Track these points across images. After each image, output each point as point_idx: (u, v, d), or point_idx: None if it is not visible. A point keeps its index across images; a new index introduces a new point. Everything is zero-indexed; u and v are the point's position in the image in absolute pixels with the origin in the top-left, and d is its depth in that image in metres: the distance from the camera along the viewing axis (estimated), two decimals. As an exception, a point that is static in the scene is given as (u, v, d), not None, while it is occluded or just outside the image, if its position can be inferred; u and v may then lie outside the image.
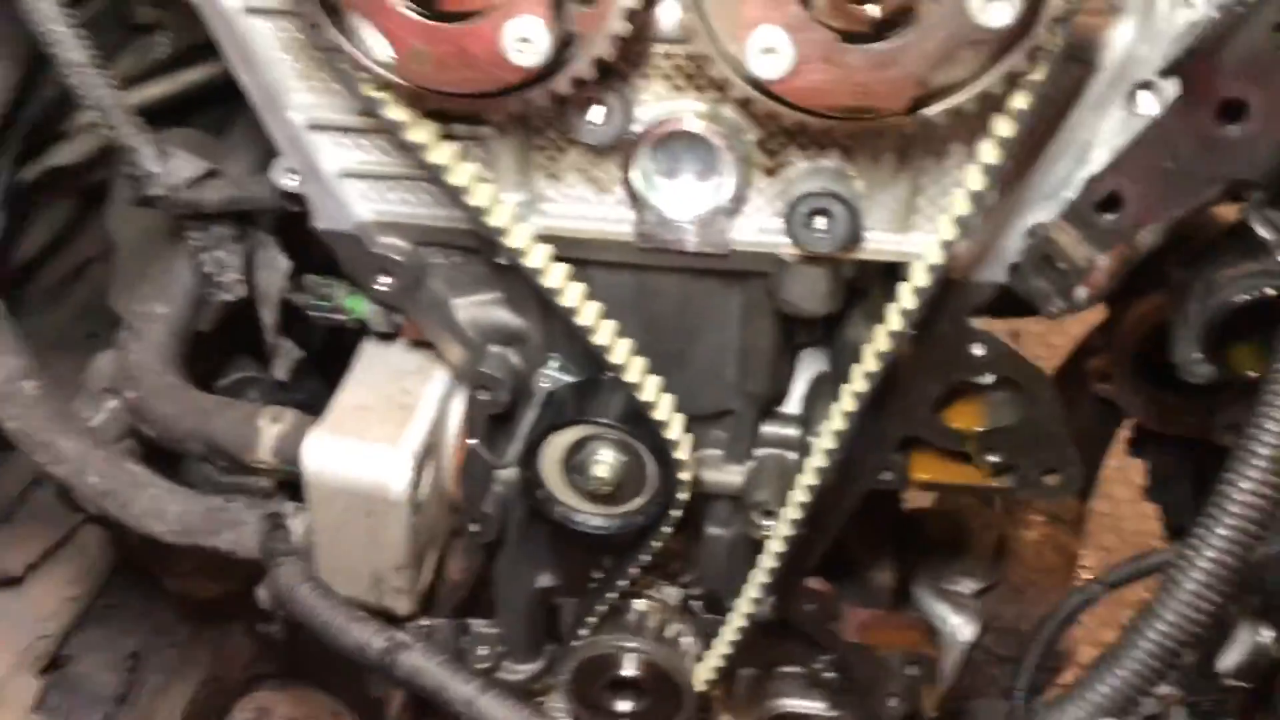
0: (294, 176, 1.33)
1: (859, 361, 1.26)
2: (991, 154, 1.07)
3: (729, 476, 1.55)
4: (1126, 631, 1.09)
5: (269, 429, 1.55)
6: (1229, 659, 1.82)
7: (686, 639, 1.66)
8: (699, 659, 1.65)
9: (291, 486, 1.60)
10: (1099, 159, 1.14)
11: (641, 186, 1.22)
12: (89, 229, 1.99)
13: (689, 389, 1.40)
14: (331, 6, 1.06)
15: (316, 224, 1.37)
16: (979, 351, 1.33)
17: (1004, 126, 1.05)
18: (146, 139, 1.37)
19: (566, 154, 1.24)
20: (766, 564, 1.47)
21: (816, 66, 1.00)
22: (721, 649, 1.59)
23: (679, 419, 1.37)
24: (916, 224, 1.23)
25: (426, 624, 1.73)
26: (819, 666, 1.84)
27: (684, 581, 1.70)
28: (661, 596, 1.69)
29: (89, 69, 1.29)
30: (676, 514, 1.44)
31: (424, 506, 1.55)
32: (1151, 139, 1.09)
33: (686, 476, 1.39)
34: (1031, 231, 1.21)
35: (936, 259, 1.14)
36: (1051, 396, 1.37)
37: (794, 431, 1.54)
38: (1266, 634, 1.65)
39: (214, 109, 1.79)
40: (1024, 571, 2.06)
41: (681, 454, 1.37)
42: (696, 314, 1.39)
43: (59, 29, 1.27)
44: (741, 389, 1.47)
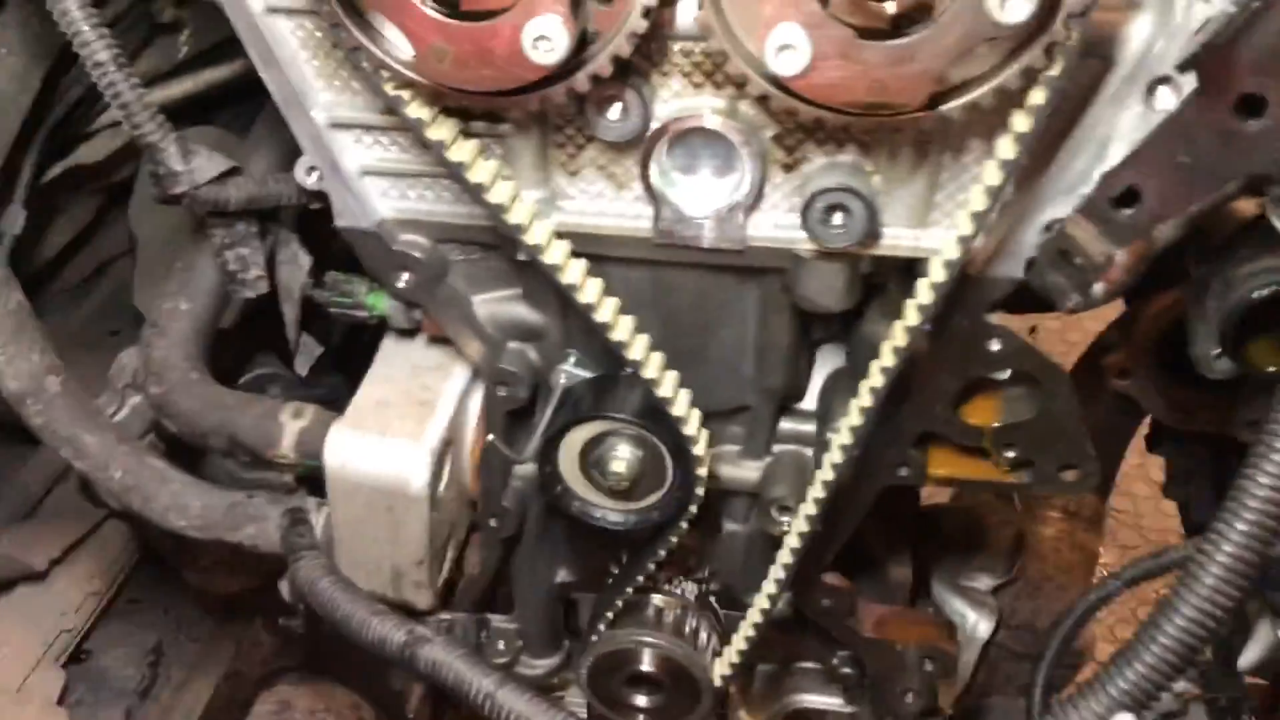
0: (316, 174, 1.34)
1: (876, 357, 1.26)
2: (1009, 150, 1.07)
3: (746, 472, 1.56)
4: (1144, 627, 1.08)
5: (291, 425, 1.56)
6: (1249, 655, 1.82)
7: (704, 634, 1.66)
8: (716, 654, 1.65)
9: (312, 482, 1.61)
10: (1117, 154, 1.14)
11: (659, 183, 1.23)
12: (112, 227, 2.01)
13: (706, 385, 1.40)
14: (352, 5, 1.07)
15: (338, 221, 1.38)
16: (996, 347, 1.32)
17: (1021, 122, 1.05)
18: (170, 137, 1.38)
19: (585, 151, 1.25)
20: (784, 560, 1.47)
21: (834, 63, 1.00)
22: (739, 644, 1.59)
23: (696, 415, 1.37)
24: (934, 220, 1.23)
25: (446, 618, 1.74)
26: (836, 662, 1.84)
27: (701, 577, 1.70)
28: (679, 592, 1.69)
29: (114, 68, 1.31)
30: (693, 510, 1.44)
31: (443, 502, 1.56)
32: (1169, 134, 1.09)
33: (703, 472, 1.40)
34: (1048, 227, 1.21)
35: (954, 255, 1.14)
36: (1069, 392, 1.37)
37: (811, 427, 1.54)
38: (1286, 630, 1.64)
39: (235, 107, 1.81)
40: (1042, 568, 2.05)
41: (699, 450, 1.37)
42: (714, 310, 1.39)
43: (85, 28, 1.28)
44: (759, 385, 1.47)
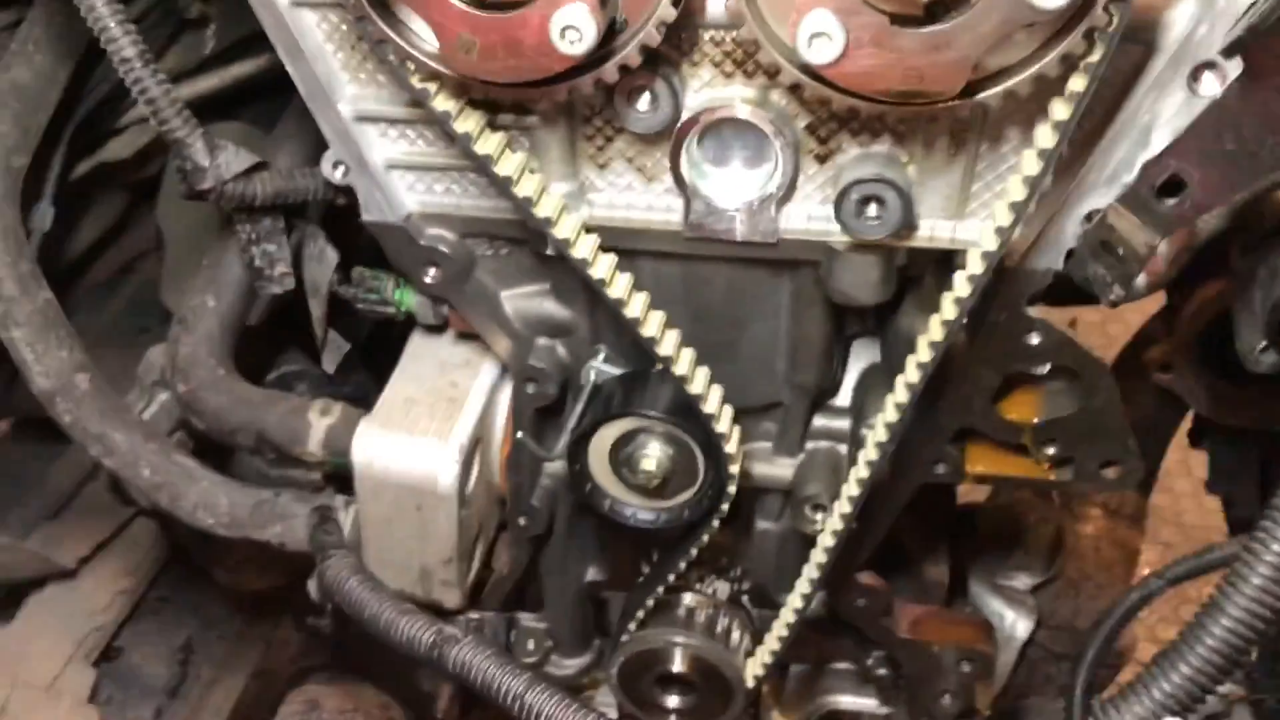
0: (342, 168, 1.33)
1: (912, 352, 1.24)
2: (1048, 138, 1.04)
3: (779, 470, 1.54)
4: (1189, 628, 1.06)
5: (318, 422, 1.56)
6: (1295, 656, 1.78)
7: (736, 634, 1.64)
8: (749, 654, 1.63)
9: (340, 479, 1.61)
10: (1159, 142, 1.11)
11: (690, 175, 1.21)
12: (140, 223, 2.01)
13: (738, 381, 1.38)
14: (378, -3, 1.06)
15: (365, 216, 1.37)
16: (1035, 340, 1.30)
17: (1061, 110, 1.03)
18: (197, 133, 1.38)
19: (614, 143, 1.23)
20: (817, 559, 1.45)
21: (868, 51, 0.98)
22: (771, 644, 1.57)
23: (728, 411, 1.35)
24: (971, 210, 1.21)
25: (475, 617, 1.73)
26: (871, 663, 1.82)
27: (734, 576, 1.69)
28: (711, 591, 1.68)
29: (140, 64, 1.30)
30: (725, 508, 1.43)
31: (472, 500, 1.55)
32: (1213, 121, 1.06)
33: (735, 470, 1.38)
34: (1089, 217, 1.18)
35: (992, 246, 1.11)
36: (1110, 386, 1.34)
37: (845, 424, 1.52)
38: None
39: (261, 103, 1.80)
40: (1082, 566, 2.03)
41: (730, 447, 1.35)
42: (745, 304, 1.37)
43: (111, 25, 1.28)
44: (791, 380, 1.45)
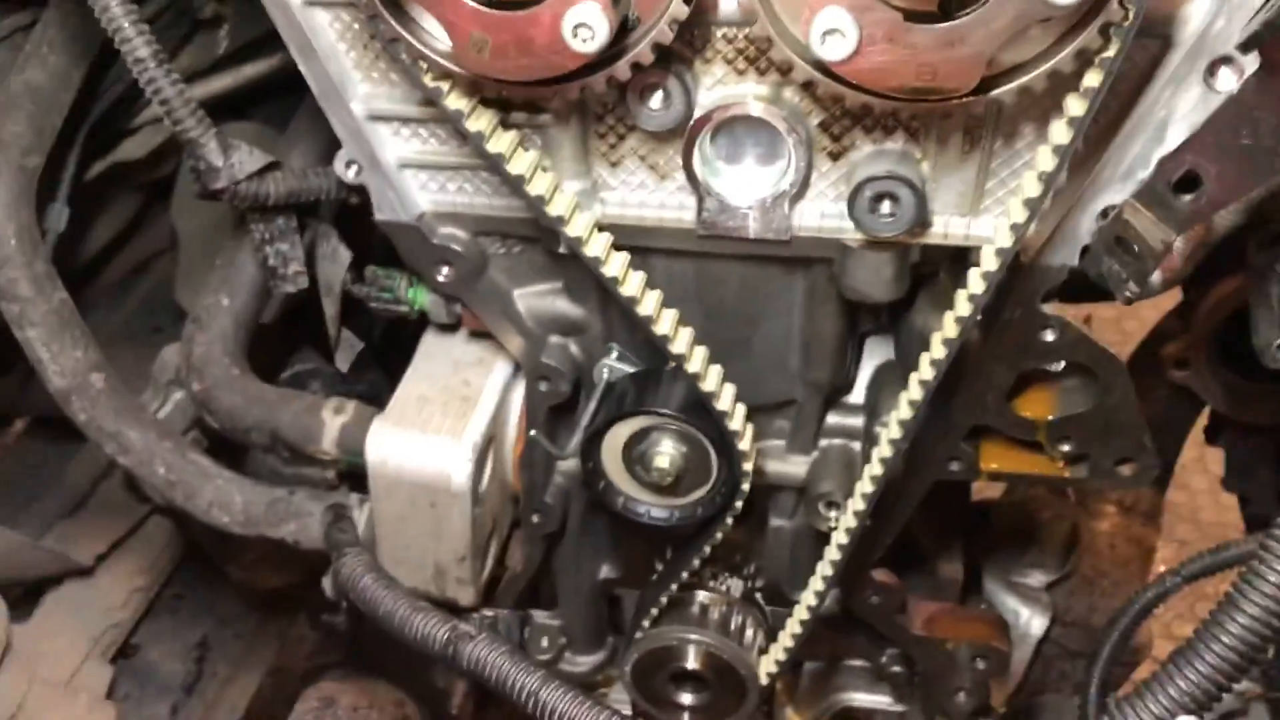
0: (355, 168, 1.33)
1: (926, 349, 1.23)
2: (1063, 134, 1.04)
3: (793, 467, 1.53)
4: (1205, 625, 1.05)
5: (332, 421, 1.56)
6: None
7: (750, 631, 1.64)
8: (763, 651, 1.63)
9: (354, 477, 1.61)
10: (1175, 137, 1.10)
11: (703, 172, 1.21)
12: (154, 223, 2.02)
13: (751, 378, 1.38)
14: (390, -4, 1.06)
15: (377, 215, 1.37)
16: (1050, 337, 1.29)
17: (1076, 105, 1.02)
18: (211, 133, 1.38)
19: (626, 140, 1.23)
20: (831, 556, 1.44)
21: (881, 47, 0.97)
22: (785, 641, 1.57)
23: (741, 409, 1.35)
24: (985, 207, 1.20)
25: (489, 614, 1.73)
26: (885, 660, 1.81)
27: (747, 573, 1.69)
28: (725, 588, 1.67)
29: (154, 64, 1.31)
30: (739, 505, 1.42)
31: (486, 497, 1.55)
32: (1230, 116, 1.05)
33: (749, 467, 1.37)
34: (1104, 213, 1.17)
35: (1007, 243, 1.11)
36: (1125, 383, 1.33)
37: (859, 421, 1.51)
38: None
39: (274, 103, 1.81)
40: (1097, 563, 2.02)
41: (744, 445, 1.35)
42: (759, 302, 1.37)
43: (125, 25, 1.28)
44: (805, 378, 1.45)
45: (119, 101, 1.69)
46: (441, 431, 1.50)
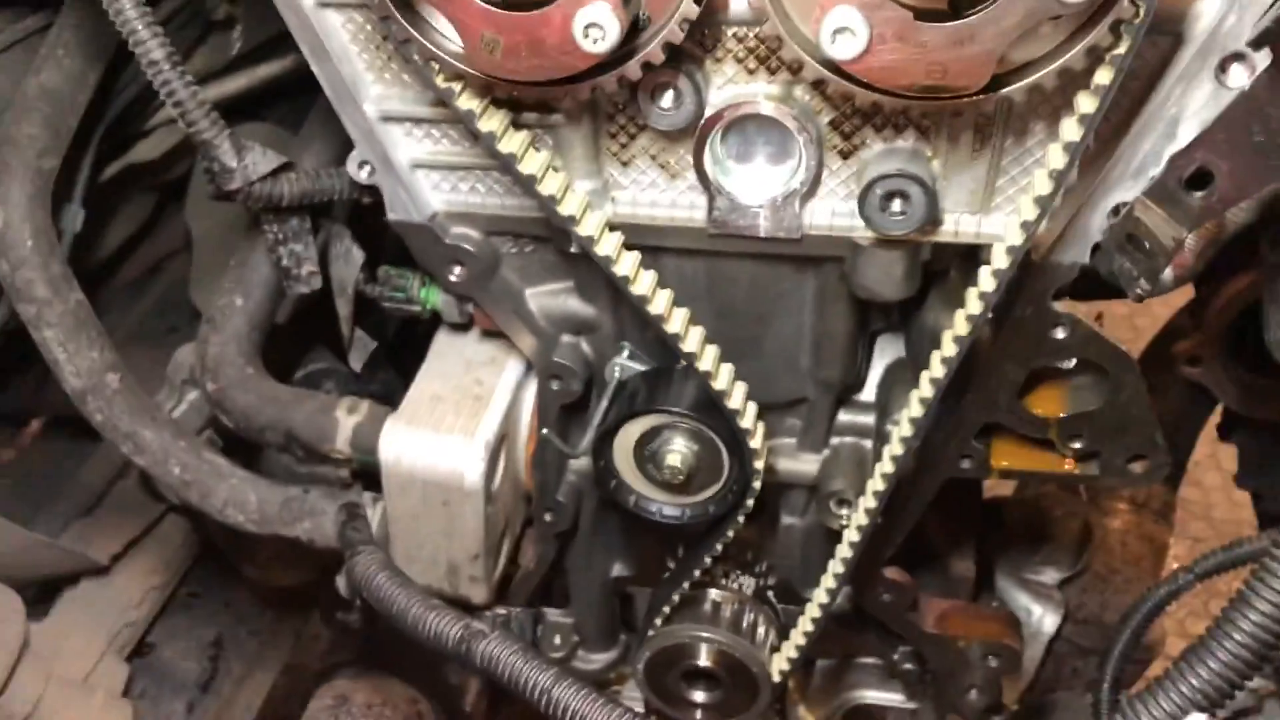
0: (368, 168, 1.34)
1: (937, 347, 1.24)
2: (1073, 132, 1.04)
3: (804, 465, 1.54)
4: (1217, 623, 1.05)
5: (346, 420, 1.57)
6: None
7: (762, 629, 1.64)
8: (775, 649, 1.63)
9: (368, 476, 1.61)
10: (1186, 134, 1.10)
11: (713, 171, 1.21)
12: (168, 223, 2.03)
13: (762, 377, 1.39)
14: (402, -2, 1.07)
15: (390, 215, 1.38)
16: (1061, 335, 1.29)
17: (1086, 103, 1.02)
18: (224, 134, 1.38)
19: (637, 140, 1.23)
20: (843, 554, 1.45)
21: (891, 46, 0.97)
22: (797, 639, 1.57)
23: (752, 408, 1.35)
24: (996, 205, 1.20)
25: (502, 612, 1.74)
26: (897, 658, 1.81)
27: (759, 571, 1.69)
28: (737, 586, 1.68)
29: (168, 66, 1.31)
30: (750, 503, 1.43)
31: (498, 496, 1.56)
32: (1242, 112, 1.05)
33: (760, 465, 1.38)
34: (1115, 211, 1.17)
35: (1017, 240, 1.11)
36: (1137, 380, 1.33)
37: (870, 419, 1.52)
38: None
39: (288, 103, 1.81)
40: (1109, 561, 2.02)
41: (755, 443, 1.35)
42: (769, 300, 1.37)
43: (139, 28, 1.28)
44: (816, 376, 1.45)
45: (133, 103, 1.69)
46: (454, 430, 1.50)
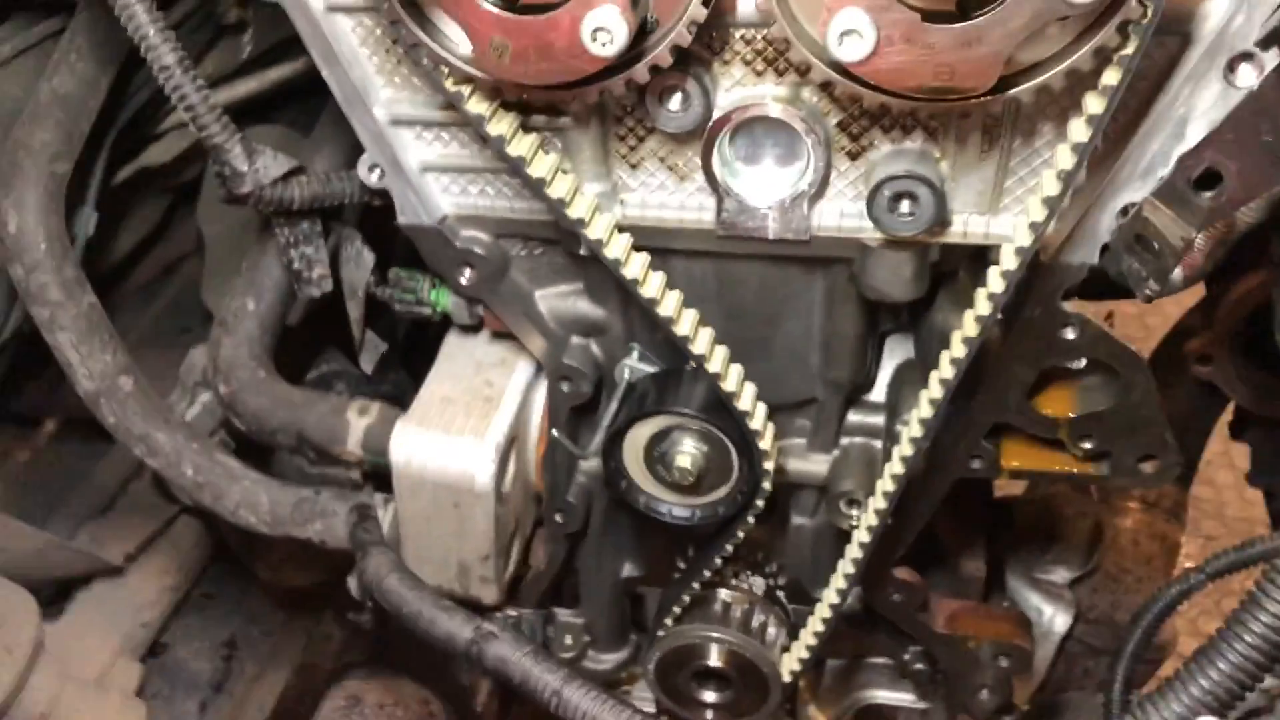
0: (378, 172, 1.34)
1: (946, 348, 1.24)
2: (1082, 132, 1.04)
3: (814, 466, 1.54)
4: (1228, 623, 1.05)
5: (357, 422, 1.57)
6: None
7: (772, 629, 1.64)
8: (785, 649, 1.63)
9: (379, 478, 1.62)
10: (1195, 134, 1.10)
11: (722, 173, 1.21)
12: (181, 226, 2.04)
13: (772, 378, 1.39)
14: (412, 2, 1.07)
15: (400, 219, 1.38)
16: (1071, 335, 1.29)
17: (1094, 104, 1.02)
18: (235, 138, 1.39)
19: (646, 142, 1.24)
20: (853, 554, 1.45)
21: (899, 48, 0.98)
22: (807, 639, 1.57)
23: (762, 408, 1.35)
24: (1005, 206, 1.20)
25: (513, 613, 1.74)
26: (908, 658, 1.81)
27: (769, 571, 1.69)
28: (747, 586, 1.68)
29: (179, 71, 1.32)
30: (760, 504, 1.43)
31: (509, 497, 1.56)
32: (1251, 112, 1.05)
33: (770, 466, 1.38)
34: (1124, 211, 1.17)
35: (1026, 241, 1.11)
36: (1147, 380, 1.33)
37: (880, 420, 1.51)
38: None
39: (299, 104, 1.82)
40: (1120, 560, 2.01)
41: (765, 444, 1.36)
42: (778, 302, 1.37)
43: (151, 33, 1.29)
44: (825, 377, 1.45)
45: (145, 106, 1.70)
46: (465, 432, 1.51)
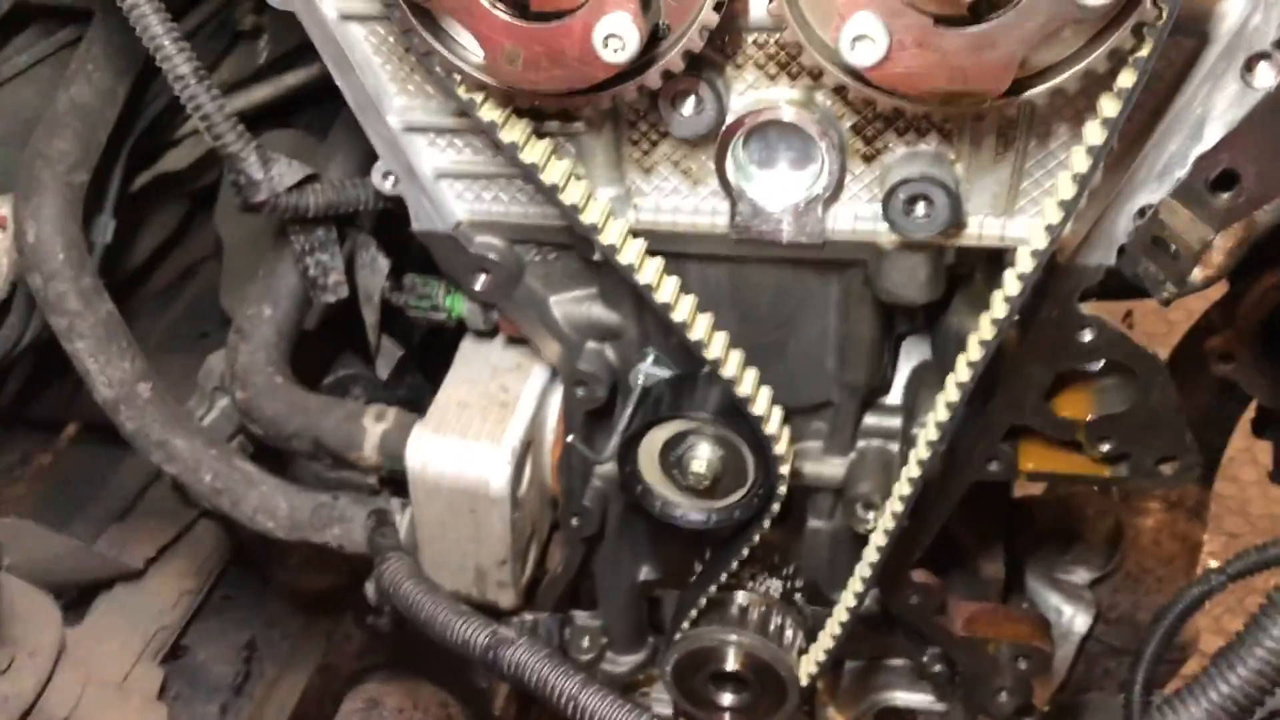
0: (392, 179, 1.35)
1: (963, 350, 1.23)
2: (1097, 135, 1.03)
3: (830, 469, 1.53)
4: (1249, 626, 1.04)
5: (373, 428, 1.58)
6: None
7: (789, 632, 1.64)
8: (803, 651, 1.63)
9: (396, 483, 1.62)
10: (1212, 135, 1.09)
11: (736, 177, 1.21)
12: (198, 231, 2.05)
13: (787, 381, 1.38)
14: (424, 10, 1.07)
15: (415, 225, 1.38)
16: (1088, 337, 1.28)
17: (1110, 106, 1.01)
18: (250, 146, 1.40)
19: (659, 147, 1.24)
20: (870, 557, 1.44)
21: (911, 52, 0.97)
22: (825, 642, 1.57)
23: (777, 412, 1.35)
24: (1020, 208, 1.19)
25: (530, 617, 1.75)
26: (926, 659, 1.80)
27: (786, 574, 1.69)
28: (764, 589, 1.68)
29: (194, 80, 1.33)
30: (776, 507, 1.43)
31: (525, 502, 1.56)
32: (1269, 112, 1.04)
33: (786, 470, 1.38)
34: (1141, 213, 1.16)
35: (1042, 244, 1.10)
36: (1165, 381, 1.32)
37: (896, 422, 1.51)
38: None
39: (315, 109, 1.83)
40: (1141, 560, 2.00)
41: (780, 447, 1.35)
42: (793, 305, 1.37)
43: (166, 43, 1.30)
44: (841, 380, 1.44)
45: (162, 113, 1.71)
46: (480, 437, 1.51)
